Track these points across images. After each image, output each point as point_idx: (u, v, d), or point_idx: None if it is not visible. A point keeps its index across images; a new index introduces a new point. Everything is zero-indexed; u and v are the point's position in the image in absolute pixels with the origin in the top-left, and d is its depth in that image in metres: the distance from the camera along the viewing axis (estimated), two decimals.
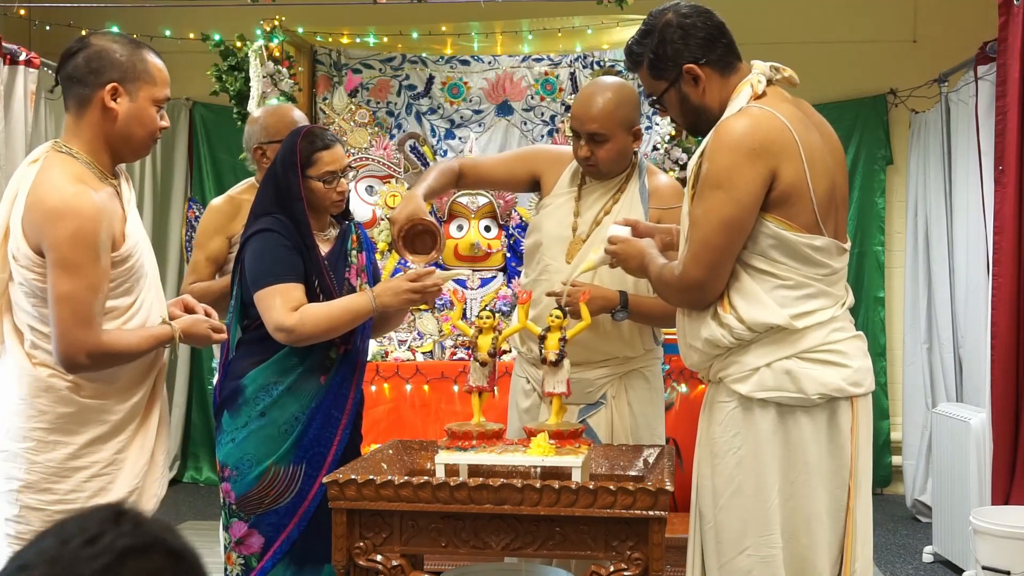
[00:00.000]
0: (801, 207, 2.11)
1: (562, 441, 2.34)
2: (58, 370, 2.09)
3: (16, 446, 2.08)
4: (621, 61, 5.55)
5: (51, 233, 2.03)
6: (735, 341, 2.15)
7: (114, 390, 2.15)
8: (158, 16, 5.87)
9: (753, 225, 2.11)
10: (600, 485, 2.15)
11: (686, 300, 2.23)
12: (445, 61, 5.61)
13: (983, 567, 3.51)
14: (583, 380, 2.74)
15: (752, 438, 2.16)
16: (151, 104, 2.15)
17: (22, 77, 4.79)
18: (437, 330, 5.00)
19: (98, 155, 2.14)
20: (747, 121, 2.12)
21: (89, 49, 2.11)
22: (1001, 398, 3.88)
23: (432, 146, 5.56)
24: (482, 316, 2.46)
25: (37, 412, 2.08)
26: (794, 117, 2.15)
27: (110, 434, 2.14)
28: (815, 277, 2.14)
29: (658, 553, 2.14)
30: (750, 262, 2.14)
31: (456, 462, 2.31)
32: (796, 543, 2.15)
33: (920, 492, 5.33)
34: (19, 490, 2.08)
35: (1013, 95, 3.85)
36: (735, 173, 2.08)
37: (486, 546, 2.21)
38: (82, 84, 2.10)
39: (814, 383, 2.12)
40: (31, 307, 2.08)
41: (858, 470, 2.18)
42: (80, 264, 2.03)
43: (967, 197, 4.74)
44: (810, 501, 2.14)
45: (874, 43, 5.87)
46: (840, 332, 2.17)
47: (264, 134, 3.25)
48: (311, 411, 2.62)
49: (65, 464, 2.09)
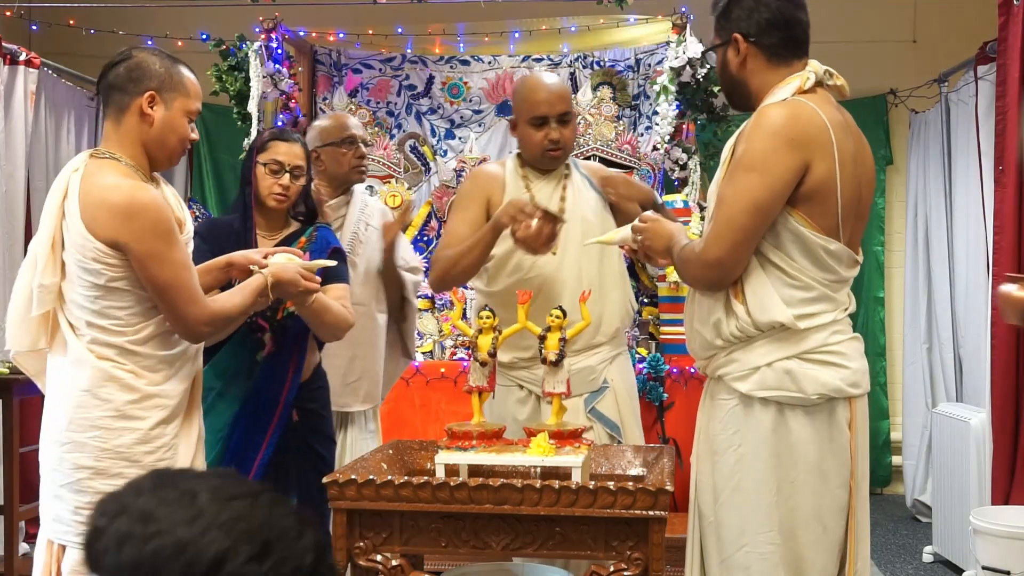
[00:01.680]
0: (824, 208, 2.13)
1: (562, 441, 2.34)
2: (119, 360, 2.21)
3: (82, 436, 2.19)
4: (621, 61, 5.56)
5: (130, 228, 2.17)
6: (738, 333, 2.17)
7: (168, 376, 2.27)
8: (158, 16, 5.87)
9: (778, 216, 2.13)
10: (600, 485, 2.15)
11: (704, 278, 2.23)
12: (445, 61, 5.61)
13: (983, 567, 3.51)
14: (586, 368, 2.81)
15: (752, 436, 2.17)
16: (184, 115, 2.31)
17: (22, 77, 4.79)
18: (437, 330, 5.00)
19: (137, 159, 2.28)
20: (790, 111, 2.14)
21: (130, 60, 2.28)
22: (1001, 398, 3.88)
23: (432, 146, 5.57)
24: (482, 316, 2.46)
25: (102, 401, 2.19)
26: (835, 120, 2.16)
27: (170, 418, 2.27)
28: (822, 281, 2.16)
29: (658, 553, 2.14)
30: (766, 254, 2.16)
31: (456, 462, 2.31)
32: (795, 541, 2.16)
33: (920, 492, 5.33)
34: (90, 477, 2.18)
35: (1013, 95, 3.85)
36: (771, 158, 2.10)
37: (486, 546, 2.21)
38: (122, 92, 2.26)
39: (814, 383, 2.14)
40: (90, 302, 2.20)
41: (858, 470, 2.19)
42: (167, 251, 2.20)
43: (967, 197, 4.74)
44: (811, 500, 2.15)
45: (874, 43, 5.88)
46: (840, 334, 2.19)
47: (319, 138, 3.32)
48: (236, 415, 2.69)
49: (133, 448, 2.21)
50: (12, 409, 4.00)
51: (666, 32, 5.09)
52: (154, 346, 2.25)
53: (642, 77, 5.49)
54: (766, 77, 2.23)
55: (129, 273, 2.19)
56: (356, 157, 3.35)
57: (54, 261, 2.23)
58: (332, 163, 3.32)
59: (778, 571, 2.14)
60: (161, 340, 2.26)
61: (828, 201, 2.13)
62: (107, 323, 2.20)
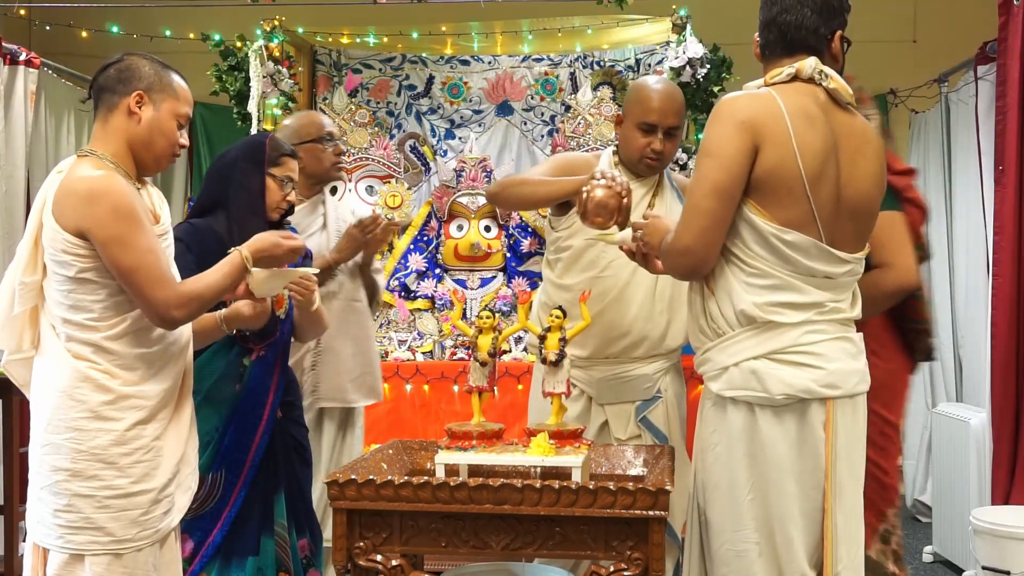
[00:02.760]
0: (781, 198, 2.12)
1: (562, 441, 2.35)
2: (94, 359, 2.19)
3: (59, 438, 2.17)
4: (621, 61, 5.55)
5: (91, 213, 2.15)
6: (713, 324, 2.19)
7: (146, 376, 2.24)
8: (158, 16, 5.87)
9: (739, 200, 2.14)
10: (600, 485, 2.15)
11: (679, 266, 2.25)
12: (445, 61, 5.61)
13: (983, 567, 3.51)
14: (642, 376, 2.81)
15: (726, 435, 2.18)
16: (172, 118, 2.33)
17: (22, 77, 4.79)
18: (437, 330, 5.00)
19: (122, 159, 2.28)
20: (740, 98, 2.19)
21: (121, 63, 2.31)
22: (1001, 398, 3.88)
23: (432, 146, 5.56)
24: (482, 316, 2.47)
25: (77, 402, 2.17)
26: (799, 111, 2.15)
27: (147, 419, 2.23)
28: (783, 270, 2.14)
29: (658, 553, 2.14)
30: (725, 244, 2.17)
31: (456, 462, 2.31)
32: (772, 541, 2.15)
33: (920, 492, 5.33)
34: (67, 479, 2.16)
35: (1013, 95, 3.85)
36: (724, 141, 2.14)
37: (486, 546, 2.21)
38: (111, 92, 2.28)
39: (779, 383, 2.12)
40: (64, 296, 2.19)
41: (837, 472, 2.15)
42: (129, 234, 2.17)
43: (967, 197, 4.74)
44: (781, 500, 2.14)
45: (874, 43, 5.87)
46: (818, 334, 2.16)
47: (296, 136, 3.30)
48: (226, 418, 2.67)
49: (109, 450, 2.18)
50: (12, 409, 4.01)
51: (666, 32, 5.09)
52: (129, 343, 2.22)
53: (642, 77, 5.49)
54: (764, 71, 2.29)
55: (98, 263, 2.18)
56: (335, 154, 3.36)
57: (35, 258, 2.23)
58: (312, 161, 3.30)
59: (754, 568, 2.14)
60: (137, 337, 2.23)
61: (784, 192, 2.12)
62: (81, 318, 2.19)
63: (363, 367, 3.34)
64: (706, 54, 4.93)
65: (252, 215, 2.72)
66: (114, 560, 2.16)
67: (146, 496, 2.20)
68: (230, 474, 2.64)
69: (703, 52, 4.90)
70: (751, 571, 2.15)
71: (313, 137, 3.31)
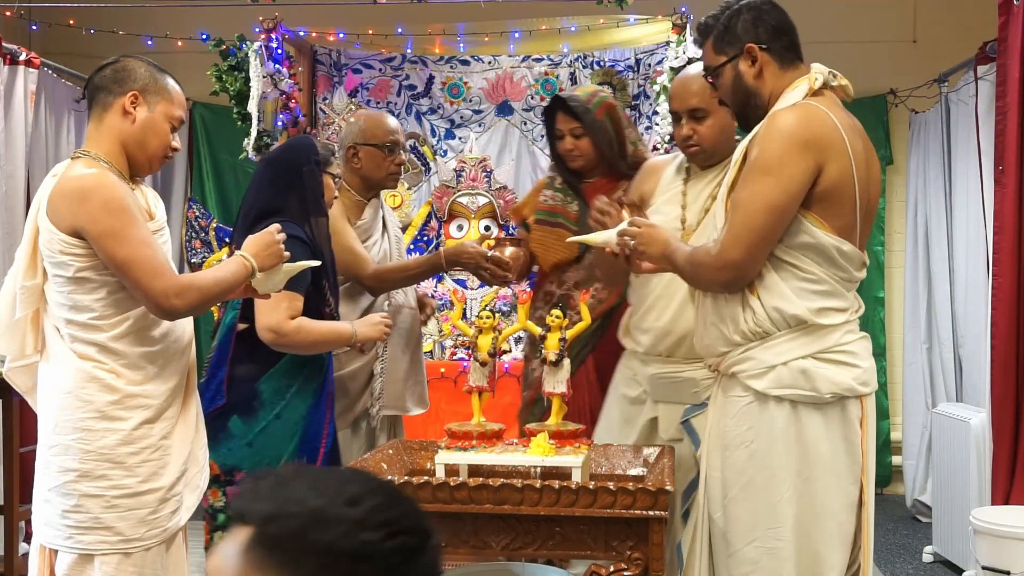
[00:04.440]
0: (839, 209, 2.16)
1: (562, 441, 2.35)
2: (99, 359, 2.21)
3: (67, 439, 2.19)
4: (621, 61, 5.56)
5: (83, 210, 2.16)
6: (756, 328, 2.20)
7: (151, 375, 2.26)
8: (158, 16, 5.87)
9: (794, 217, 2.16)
10: (600, 485, 2.15)
11: (720, 280, 2.24)
12: (445, 61, 5.61)
13: (983, 567, 3.51)
14: (689, 380, 2.78)
15: (766, 433, 2.20)
16: (166, 120, 2.34)
17: (22, 77, 4.79)
18: (437, 330, 5.00)
19: (115, 158, 2.29)
20: (801, 114, 2.17)
21: (117, 64, 2.34)
22: (1001, 398, 3.88)
23: (432, 146, 5.57)
24: (482, 316, 2.47)
25: (83, 402, 2.19)
26: (844, 122, 2.19)
27: (155, 418, 2.25)
28: (834, 277, 2.20)
29: (658, 553, 2.14)
30: (779, 255, 2.19)
31: (456, 462, 2.31)
32: (807, 538, 2.18)
33: (920, 492, 5.33)
34: (75, 480, 2.18)
35: (1013, 95, 3.85)
36: (785, 160, 2.13)
37: (486, 546, 2.21)
38: (107, 92, 2.30)
39: (828, 382, 2.18)
40: (65, 298, 2.21)
41: (868, 466, 2.24)
42: (122, 227, 2.17)
43: (967, 197, 4.74)
44: (824, 497, 2.19)
45: (874, 43, 5.87)
46: (852, 333, 2.24)
47: (361, 136, 3.22)
48: (310, 408, 2.74)
49: (117, 450, 2.19)
50: (12, 409, 4.01)
51: (666, 32, 5.09)
52: (133, 342, 2.23)
53: (642, 77, 5.48)
54: (778, 83, 2.27)
55: (95, 262, 2.19)
56: (395, 164, 3.25)
57: (34, 262, 2.25)
58: (370, 165, 3.21)
59: (786, 566, 2.17)
60: (140, 336, 2.25)
61: (843, 202, 2.16)
62: (83, 318, 2.20)
63: (416, 376, 3.30)
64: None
65: (320, 213, 2.79)
66: (123, 559, 2.18)
67: (154, 495, 2.21)
68: (309, 462, 2.68)
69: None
70: (782, 569, 2.17)
71: (377, 141, 3.20)
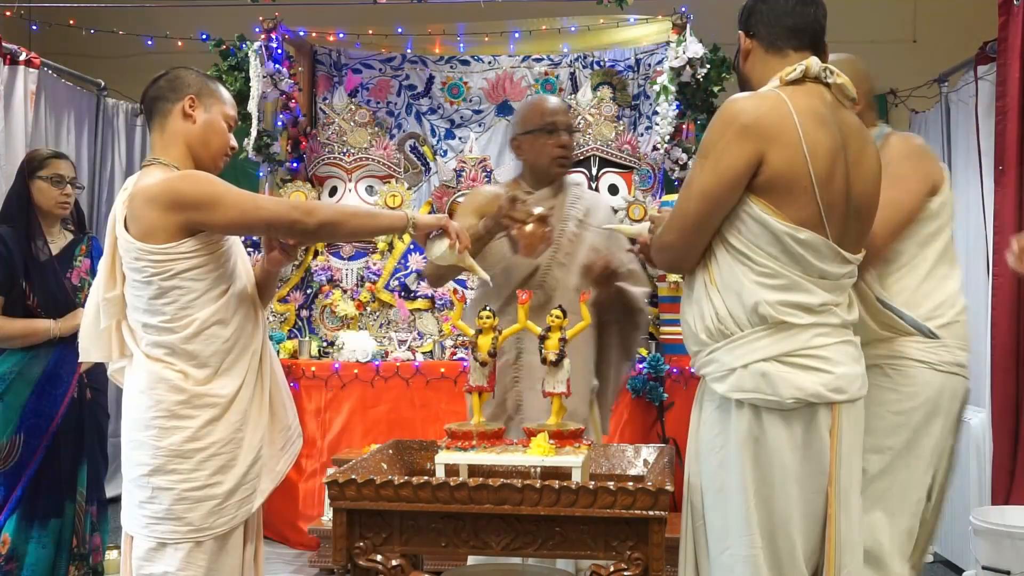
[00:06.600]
0: (792, 199, 2.09)
1: (562, 441, 2.34)
2: (169, 361, 2.33)
3: (141, 435, 2.33)
4: (621, 61, 5.56)
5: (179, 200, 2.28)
6: (719, 326, 2.16)
7: (218, 375, 2.37)
8: (158, 16, 5.87)
9: (735, 204, 2.12)
10: (600, 485, 2.15)
11: (660, 260, 2.33)
12: (445, 61, 5.61)
13: (983, 567, 3.51)
14: None
15: (731, 438, 2.16)
16: (223, 118, 2.48)
17: (22, 77, 4.79)
18: (437, 330, 5.00)
19: (183, 162, 2.42)
20: (750, 101, 2.15)
21: (168, 74, 2.48)
22: (1001, 398, 3.88)
23: (432, 146, 5.57)
24: (482, 316, 2.46)
25: (155, 402, 2.32)
26: (809, 111, 2.12)
27: (222, 415, 2.35)
28: (794, 270, 2.12)
29: (658, 553, 2.14)
30: (732, 243, 2.14)
31: (456, 462, 2.31)
32: (774, 545, 2.14)
33: None
34: (148, 474, 2.32)
35: (1013, 95, 3.85)
36: (721, 146, 2.11)
37: (486, 546, 2.21)
38: (164, 100, 2.44)
39: (789, 387, 2.10)
40: (140, 301, 2.33)
41: (840, 478, 2.14)
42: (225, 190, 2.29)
43: (967, 197, 4.74)
44: (785, 504, 2.13)
45: (874, 43, 5.86)
46: (825, 337, 2.14)
47: (520, 125, 3.04)
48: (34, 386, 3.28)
49: (184, 446, 2.31)
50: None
51: (666, 32, 5.10)
52: (201, 342, 2.33)
53: (642, 77, 5.49)
54: (764, 70, 2.25)
55: (166, 268, 2.28)
56: (557, 147, 2.96)
57: (113, 274, 2.39)
58: (532, 153, 2.98)
59: (761, 573, 2.13)
60: (208, 338, 2.34)
61: (795, 192, 2.09)
62: (157, 321, 2.32)
63: None
64: (706, 54, 4.93)
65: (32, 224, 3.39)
66: (195, 547, 2.31)
67: (222, 487, 2.33)
68: (29, 437, 3.27)
69: (703, 52, 4.90)
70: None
71: (533, 127, 2.97)
